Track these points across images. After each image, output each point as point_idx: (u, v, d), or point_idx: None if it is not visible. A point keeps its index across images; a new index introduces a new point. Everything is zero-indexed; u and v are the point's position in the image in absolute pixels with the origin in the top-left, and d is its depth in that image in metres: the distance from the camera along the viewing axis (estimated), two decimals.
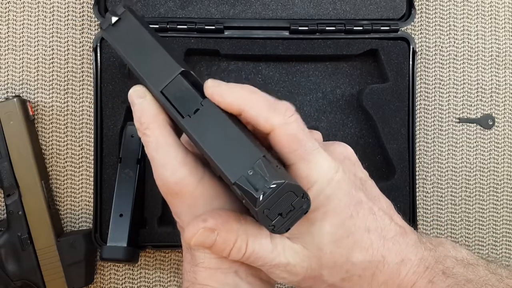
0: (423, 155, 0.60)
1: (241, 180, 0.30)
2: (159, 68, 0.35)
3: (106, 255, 0.51)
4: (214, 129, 0.32)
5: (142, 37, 0.36)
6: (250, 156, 0.31)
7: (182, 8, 0.56)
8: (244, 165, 0.31)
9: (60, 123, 0.58)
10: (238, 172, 0.30)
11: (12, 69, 0.58)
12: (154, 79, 0.35)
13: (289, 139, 0.32)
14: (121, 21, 0.36)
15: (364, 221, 0.33)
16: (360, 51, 0.56)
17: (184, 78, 0.34)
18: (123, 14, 0.36)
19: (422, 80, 0.60)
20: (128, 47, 0.36)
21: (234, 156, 0.31)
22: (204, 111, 0.33)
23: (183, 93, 0.34)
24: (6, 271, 0.53)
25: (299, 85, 0.58)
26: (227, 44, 0.56)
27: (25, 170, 0.54)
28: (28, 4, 0.58)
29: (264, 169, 0.30)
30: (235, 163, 0.31)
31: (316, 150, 0.32)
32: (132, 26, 0.36)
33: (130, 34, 0.36)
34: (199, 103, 0.33)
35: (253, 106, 0.32)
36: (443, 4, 0.61)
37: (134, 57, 0.35)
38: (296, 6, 0.56)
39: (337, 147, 0.36)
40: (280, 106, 0.32)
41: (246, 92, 0.32)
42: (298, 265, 0.33)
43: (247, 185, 0.30)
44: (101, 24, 0.37)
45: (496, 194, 0.60)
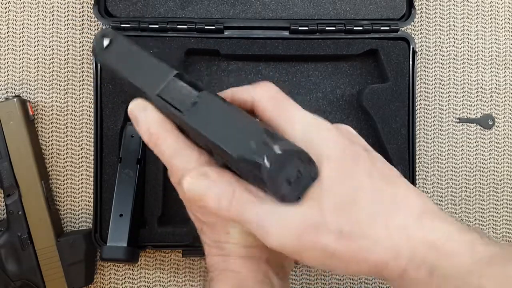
0: (423, 155, 0.60)
1: (246, 152, 0.31)
2: (153, 75, 0.36)
3: (106, 255, 0.51)
4: (213, 116, 0.33)
5: (133, 53, 0.37)
6: (252, 131, 0.31)
7: (182, 8, 0.56)
8: (247, 139, 0.31)
9: (60, 123, 0.58)
10: (242, 147, 0.31)
11: (12, 69, 0.58)
12: (150, 86, 0.36)
13: (270, 101, 0.35)
14: (112, 43, 0.37)
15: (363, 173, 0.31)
16: (360, 51, 0.56)
17: (179, 79, 0.35)
18: (112, 35, 0.37)
19: (422, 80, 0.60)
20: (121, 65, 0.37)
21: (235, 135, 0.32)
22: (201, 102, 0.34)
23: (180, 92, 0.35)
24: (6, 271, 0.53)
25: (299, 85, 0.58)
26: (227, 44, 0.55)
27: (25, 170, 0.54)
28: (28, 4, 0.58)
29: (266, 139, 0.30)
30: (238, 140, 0.32)
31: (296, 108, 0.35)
32: (123, 45, 0.37)
33: (122, 53, 0.37)
34: (196, 97, 0.34)
35: (239, 89, 0.36)
36: (443, 4, 0.61)
37: (128, 72, 0.36)
38: (296, 6, 0.56)
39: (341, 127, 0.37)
40: (261, 83, 0.36)
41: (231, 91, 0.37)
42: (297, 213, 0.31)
43: (251, 157, 0.30)
44: (93, 50, 0.38)
45: (496, 194, 0.60)
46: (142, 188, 0.55)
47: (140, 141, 0.54)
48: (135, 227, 0.53)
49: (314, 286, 0.59)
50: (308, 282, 0.59)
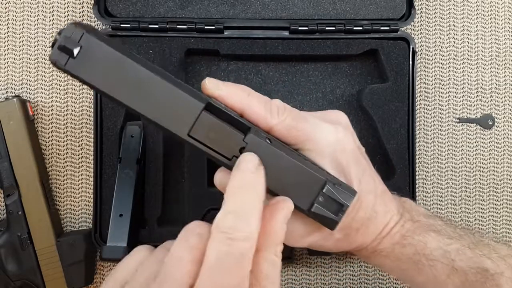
0: (423, 155, 0.60)
1: (316, 208, 0.34)
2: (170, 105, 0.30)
3: (106, 255, 0.51)
4: (269, 164, 0.32)
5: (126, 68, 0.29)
6: (314, 183, 0.33)
7: (182, 8, 0.56)
8: (313, 193, 0.33)
9: (60, 123, 0.58)
10: (310, 201, 0.34)
11: (12, 69, 0.58)
12: (170, 121, 0.30)
13: (288, 132, 0.37)
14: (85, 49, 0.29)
15: (367, 185, 0.38)
16: (360, 51, 0.56)
17: (209, 113, 0.31)
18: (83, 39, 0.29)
19: (422, 80, 0.60)
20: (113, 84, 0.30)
21: (299, 186, 0.33)
22: (251, 148, 0.32)
23: (217, 132, 0.31)
24: (6, 271, 0.53)
25: (299, 85, 0.58)
26: (227, 44, 0.55)
27: (25, 170, 0.54)
28: (28, 4, 0.58)
29: (333, 192, 0.34)
30: (303, 193, 0.33)
31: (314, 127, 0.37)
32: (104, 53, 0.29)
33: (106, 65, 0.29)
34: (242, 141, 0.32)
35: (252, 109, 0.36)
36: (443, 4, 0.60)
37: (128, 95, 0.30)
38: (296, 6, 0.56)
39: (331, 114, 0.40)
40: (274, 108, 0.37)
41: (243, 94, 0.36)
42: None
43: (324, 212, 0.34)
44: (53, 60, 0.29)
45: (496, 194, 0.60)
46: (142, 188, 0.55)
47: (140, 141, 0.54)
48: (135, 227, 0.53)
49: (314, 286, 0.59)
50: (308, 282, 0.59)
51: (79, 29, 0.29)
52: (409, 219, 0.41)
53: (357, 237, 0.39)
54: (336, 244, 0.40)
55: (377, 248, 0.40)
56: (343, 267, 0.59)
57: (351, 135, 0.39)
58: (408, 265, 0.40)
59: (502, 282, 0.38)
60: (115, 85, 0.30)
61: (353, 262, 0.59)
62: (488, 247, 0.40)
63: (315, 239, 0.38)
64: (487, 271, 0.38)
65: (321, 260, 0.59)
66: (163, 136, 0.55)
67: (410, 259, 0.40)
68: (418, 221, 0.41)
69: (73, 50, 0.29)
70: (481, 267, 0.39)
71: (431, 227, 0.41)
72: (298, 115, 0.37)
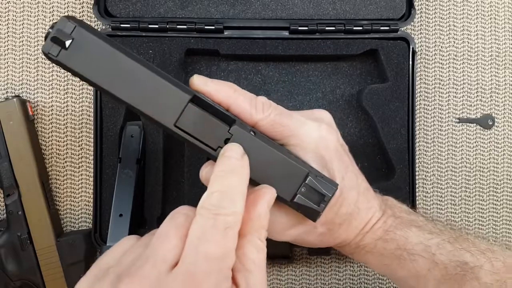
0: (423, 155, 0.60)
1: (298, 198, 0.34)
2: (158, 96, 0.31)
3: None
4: (253, 155, 0.33)
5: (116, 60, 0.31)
6: (297, 174, 0.34)
7: (182, 8, 0.56)
8: (295, 184, 0.34)
9: (60, 123, 0.58)
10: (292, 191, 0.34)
11: (12, 69, 0.58)
12: (157, 111, 0.31)
13: (272, 127, 0.38)
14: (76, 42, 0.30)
15: (350, 181, 0.40)
16: (360, 51, 0.56)
17: (196, 105, 0.32)
18: (75, 32, 0.31)
19: (422, 80, 0.60)
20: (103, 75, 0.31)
21: (283, 178, 0.34)
22: (236, 139, 0.33)
23: (203, 123, 0.32)
24: (6, 271, 0.53)
25: (299, 85, 0.58)
26: (226, 44, 0.55)
27: (25, 170, 0.54)
28: (28, 4, 0.58)
29: (315, 184, 0.35)
30: (286, 183, 0.34)
31: (298, 123, 0.38)
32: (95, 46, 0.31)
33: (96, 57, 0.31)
34: (227, 132, 0.33)
35: (237, 105, 0.37)
36: (443, 4, 0.60)
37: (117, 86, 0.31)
38: (296, 6, 0.56)
39: (316, 112, 0.42)
40: (259, 104, 0.38)
41: (229, 90, 0.37)
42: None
43: (306, 202, 0.35)
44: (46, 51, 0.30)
45: (496, 194, 0.60)
46: (142, 188, 0.55)
47: (140, 141, 0.54)
48: (135, 227, 0.53)
49: (314, 286, 0.59)
50: (308, 282, 0.59)
51: (71, 22, 0.30)
52: (391, 215, 0.42)
53: (340, 233, 0.40)
54: (319, 238, 0.40)
55: (360, 243, 0.41)
56: (343, 267, 0.59)
57: (335, 133, 0.40)
58: (391, 260, 0.41)
59: (481, 274, 0.39)
60: (104, 76, 0.31)
61: (353, 262, 0.59)
62: (467, 241, 0.41)
63: (297, 232, 0.39)
64: (467, 264, 0.39)
65: (321, 260, 0.59)
66: (163, 136, 0.55)
67: (392, 254, 0.41)
68: (400, 217, 0.42)
69: (65, 41, 0.30)
70: (461, 260, 0.39)
71: (412, 222, 0.42)
72: (283, 112, 0.39)
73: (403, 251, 0.40)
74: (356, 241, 0.41)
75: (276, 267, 0.59)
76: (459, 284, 0.39)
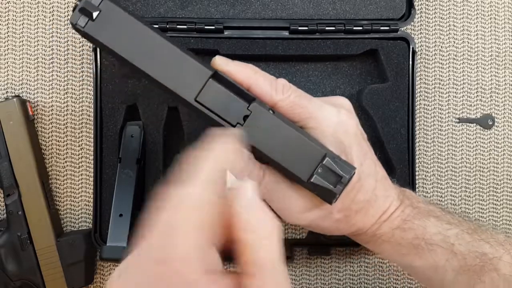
0: (423, 155, 0.60)
1: (315, 179, 0.34)
2: (180, 69, 0.32)
3: (106, 255, 0.51)
4: (271, 134, 0.33)
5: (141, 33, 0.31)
6: (315, 154, 0.34)
7: (182, 8, 0.56)
8: (313, 164, 0.34)
9: (60, 123, 0.58)
10: (309, 171, 0.34)
11: (12, 69, 0.58)
12: (179, 85, 0.32)
13: (292, 108, 0.38)
14: (103, 14, 0.31)
15: (368, 168, 0.40)
16: (360, 51, 0.56)
17: (217, 81, 0.33)
18: (102, 4, 0.31)
19: (422, 80, 0.60)
20: (127, 47, 0.31)
21: (300, 157, 0.34)
22: (255, 116, 0.33)
23: (223, 99, 0.33)
24: (6, 271, 0.53)
25: (299, 85, 0.58)
26: (226, 44, 0.55)
27: (25, 170, 0.54)
28: (28, 4, 0.58)
29: (333, 165, 0.34)
30: (303, 163, 0.34)
31: (317, 107, 0.38)
32: (121, 19, 0.31)
33: (122, 29, 0.31)
34: (246, 109, 0.33)
35: (257, 85, 0.38)
36: (443, 4, 0.61)
37: (141, 59, 0.31)
38: (296, 6, 0.56)
39: (335, 99, 0.42)
40: (279, 85, 0.39)
41: (250, 71, 0.38)
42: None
43: (323, 183, 0.34)
44: (73, 23, 0.31)
45: (496, 194, 0.60)
46: (142, 188, 0.55)
47: (140, 141, 0.54)
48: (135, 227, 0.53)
49: (314, 286, 0.59)
50: (308, 282, 0.59)
51: None
52: (409, 205, 0.42)
53: (356, 220, 0.40)
54: (335, 225, 0.40)
55: (376, 232, 0.41)
56: (343, 267, 0.59)
57: (354, 119, 0.41)
58: (408, 250, 0.41)
59: (500, 266, 0.39)
60: (129, 48, 0.31)
61: (353, 262, 0.59)
62: (486, 232, 0.41)
63: (313, 216, 0.39)
64: (486, 255, 0.39)
65: (321, 260, 0.59)
66: (163, 136, 0.55)
67: (410, 244, 0.41)
68: (418, 207, 0.42)
69: (92, 13, 0.31)
70: (480, 251, 0.39)
71: (430, 212, 0.42)
72: (302, 94, 0.39)
73: (421, 241, 0.40)
74: (372, 230, 0.41)
75: None
76: (478, 275, 0.39)
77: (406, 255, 0.41)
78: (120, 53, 0.32)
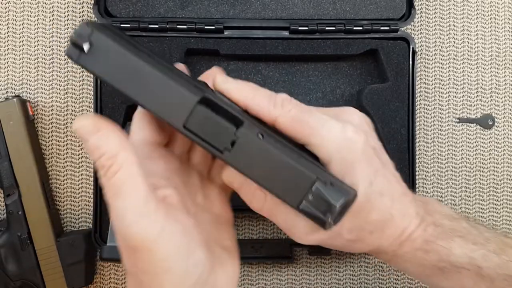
0: (423, 155, 0.60)
1: (304, 206, 0.32)
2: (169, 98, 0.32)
3: (106, 255, 0.51)
4: (259, 160, 0.32)
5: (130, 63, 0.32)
6: (304, 180, 0.32)
7: (182, 8, 0.56)
8: (302, 190, 0.32)
9: (60, 123, 0.58)
10: (298, 198, 0.33)
11: (12, 69, 0.58)
12: (168, 112, 0.32)
13: (292, 124, 0.35)
14: (93, 45, 0.32)
15: (379, 186, 0.37)
16: (360, 51, 0.56)
17: (205, 106, 0.32)
18: (93, 36, 0.32)
19: (422, 80, 0.60)
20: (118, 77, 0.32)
21: (289, 183, 0.33)
22: (242, 142, 0.32)
23: (211, 125, 0.32)
24: (6, 271, 0.53)
25: (299, 85, 0.58)
26: (227, 44, 0.55)
27: (25, 170, 0.54)
28: (28, 4, 0.58)
29: (322, 192, 0.32)
30: (292, 189, 0.33)
31: (320, 122, 0.36)
32: (111, 50, 0.32)
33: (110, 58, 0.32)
34: (233, 134, 0.32)
35: (255, 101, 0.36)
36: (443, 4, 0.61)
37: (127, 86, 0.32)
38: (296, 6, 0.56)
39: (344, 112, 0.38)
40: (278, 99, 0.36)
41: (249, 89, 0.36)
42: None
43: (312, 210, 0.32)
44: (69, 54, 0.32)
45: (496, 194, 0.60)
46: None
47: None
48: None
49: (314, 286, 0.59)
50: (308, 282, 0.59)
51: (90, 27, 0.32)
52: (431, 223, 0.39)
53: (372, 240, 0.38)
54: (349, 244, 0.38)
55: (397, 252, 0.39)
56: (343, 267, 0.59)
57: (363, 134, 0.37)
58: (432, 271, 0.39)
59: None
60: (119, 78, 0.32)
61: (353, 262, 0.59)
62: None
63: (321, 237, 0.37)
64: None
65: (321, 260, 0.59)
66: None
67: (434, 266, 0.39)
68: (441, 225, 0.39)
69: (83, 46, 0.32)
70: (508, 273, 0.38)
71: (455, 231, 0.39)
72: (305, 109, 0.36)
73: (447, 263, 0.38)
74: (393, 249, 0.39)
75: (276, 267, 0.59)
76: None
77: (431, 276, 0.40)
78: (112, 83, 0.33)
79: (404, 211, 0.38)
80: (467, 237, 0.39)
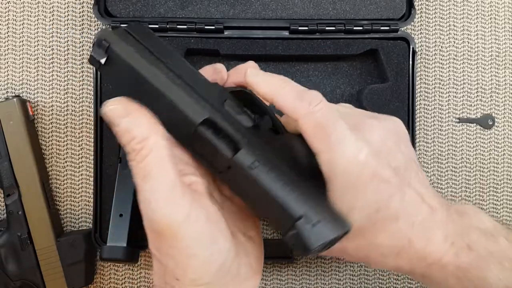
0: (423, 155, 0.60)
1: (287, 238, 0.32)
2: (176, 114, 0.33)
3: (106, 255, 0.51)
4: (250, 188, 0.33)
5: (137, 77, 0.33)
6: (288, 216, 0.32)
7: (182, 8, 0.56)
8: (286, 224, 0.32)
9: (60, 123, 0.58)
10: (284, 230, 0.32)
11: (12, 69, 0.58)
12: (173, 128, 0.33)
13: (314, 131, 0.33)
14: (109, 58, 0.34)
15: (394, 210, 0.33)
16: (360, 51, 0.56)
17: (206, 127, 0.33)
18: (109, 50, 0.34)
19: (422, 80, 0.60)
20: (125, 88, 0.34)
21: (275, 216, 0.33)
22: (236, 170, 0.32)
23: (210, 148, 0.32)
24: (6, 271, 0.53)
25: None
26: (227, 44, 0.56)
27: (25, 170, 0.54)
28: (28, 4, 0.58)
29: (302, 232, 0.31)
30: (278, 221, 0.33)
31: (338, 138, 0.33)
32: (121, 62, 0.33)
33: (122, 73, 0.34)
34: (229, 160, 0.32)
35: (281, 97, 0.33)
36: (443, 4, 0.61)
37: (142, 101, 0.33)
38: (296, 6, 0.56)
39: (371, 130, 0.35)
40: (306, 96, 0.33)
41: (278, 82, 0.34)
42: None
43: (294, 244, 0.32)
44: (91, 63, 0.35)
45: (496, 194, 0.60)
46: None
47: None
48: (135, 227, 0.53)
49: (314, 286, 0.59)
50: (308, 282, 0.59)
51: (105, 42, 0.34)
52: (465, 247, 0.35)
53: (387, 263, 0.36)
54: (364, 260, 0.37)
55: (426, 275, 0.36)
56: (343, 267, 0.59)
57: (376, 159, 0.34)
58: None
59: None
60: (130, 91, 0.33)
61: (353, 262, 0.59)
62: None
63: (332, 252, 0.35)
64: None
65: (321, 260, 0.59)
66: None
67: None
68: (476, 250, 0.36)
69: (100, 60, 0.34)
70: None
71: (491, 257, 0.36)
72: (332, 116, 0.33)
73: None
74: (420, 272, 0.36)
75: (277, 267, 0.59)
76: None
77: None
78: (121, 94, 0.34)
79: (428, 235, 0.34)
80: (503, 262, 0.36)
